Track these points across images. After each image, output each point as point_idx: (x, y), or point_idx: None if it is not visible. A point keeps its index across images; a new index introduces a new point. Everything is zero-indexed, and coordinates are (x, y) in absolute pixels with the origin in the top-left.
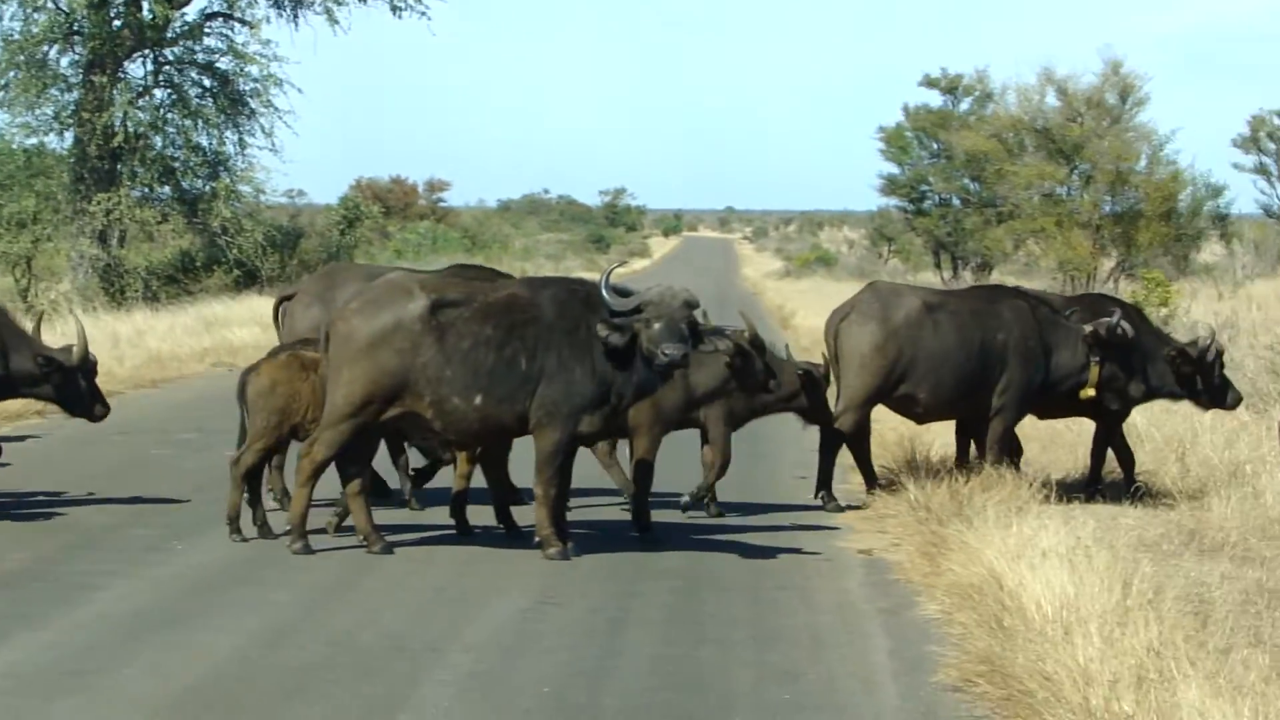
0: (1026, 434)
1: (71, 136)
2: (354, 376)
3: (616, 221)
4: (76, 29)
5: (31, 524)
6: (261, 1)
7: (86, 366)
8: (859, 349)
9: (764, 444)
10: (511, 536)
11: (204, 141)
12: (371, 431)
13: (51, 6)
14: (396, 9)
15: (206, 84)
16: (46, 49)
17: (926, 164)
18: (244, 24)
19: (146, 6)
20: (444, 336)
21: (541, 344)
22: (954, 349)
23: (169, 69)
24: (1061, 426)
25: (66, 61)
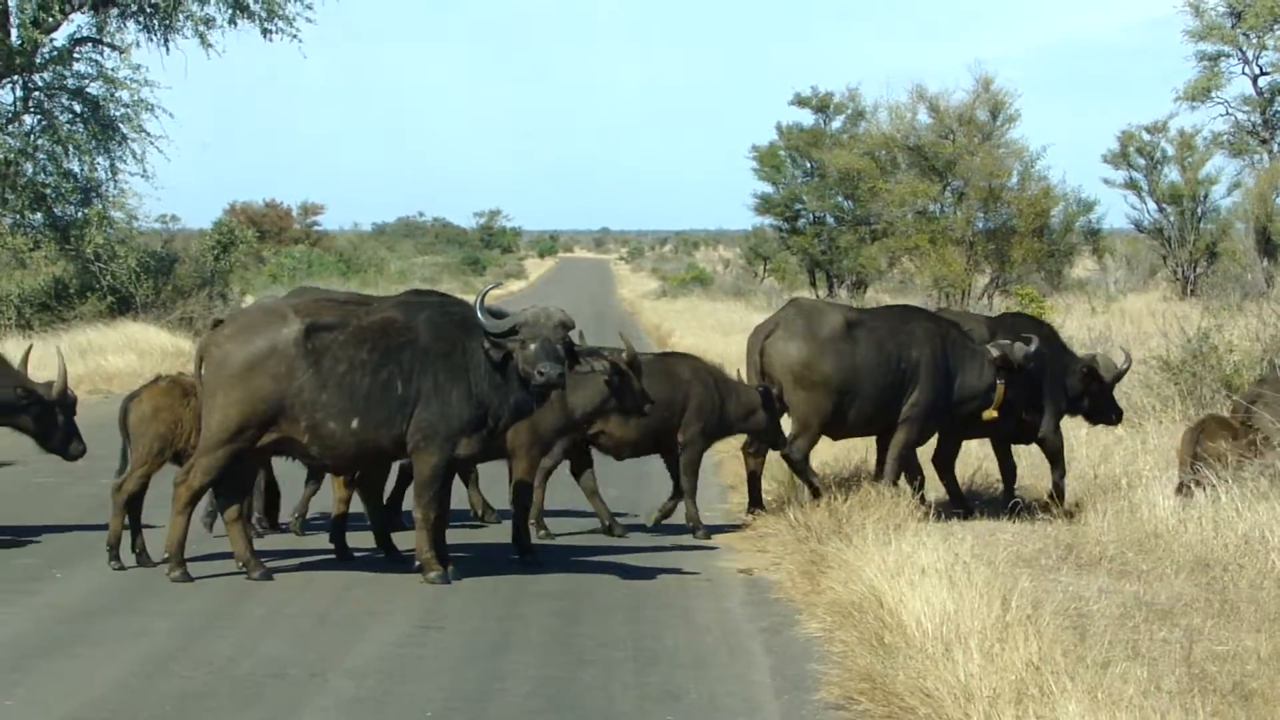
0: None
1: None
2: (229, 402)
3: (492, 243)
4: None
5: None
6: (131, 26)
7: (66, 402)
8: (789, 366)
9: (646, 464)
10: (391, 561)
11: (76, 168)
12: (250, 457)
13: None
14: (267, 32)
15: (77, 109)
16: None
17: (800, 183)
18: (114, 49)
19: (15, 32)
20: (319, 361)
21: (417, 367)
22: (874, 366)
23: (39, 95)
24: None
25: None
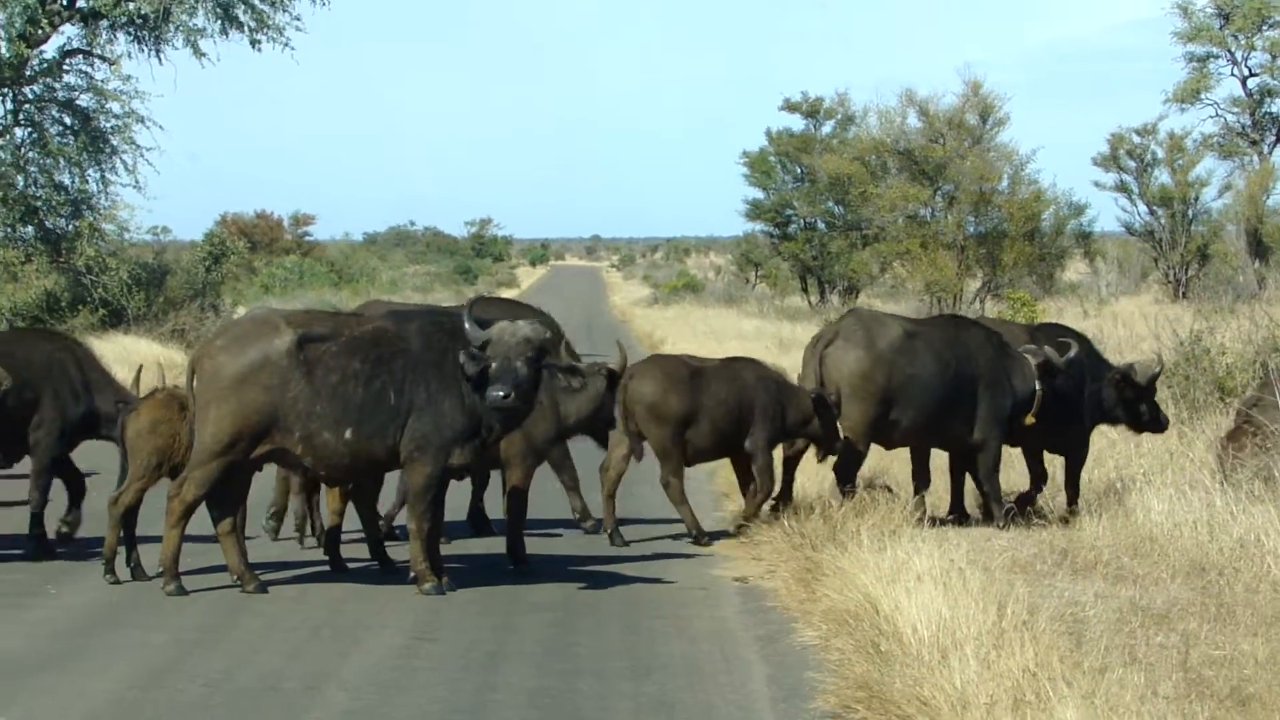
0: (898, 456)
1: None
2: (221, 414)
3: (483, 252)
4: None
5: None
6: (121, 37)
7: None
8: (848, 376)
9: (636, 471)
10: (386, 572)
11: (67, 180)
12: (242, 469)
13: None
14: (255, 42)
15: (67, 122)
16: None
17: (791, 188)
18: (104, 60)
19: (4, 45)
20: (312, 371)
21: (410, 377)
22: (933, 377)
23: (29, 107)
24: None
25: None
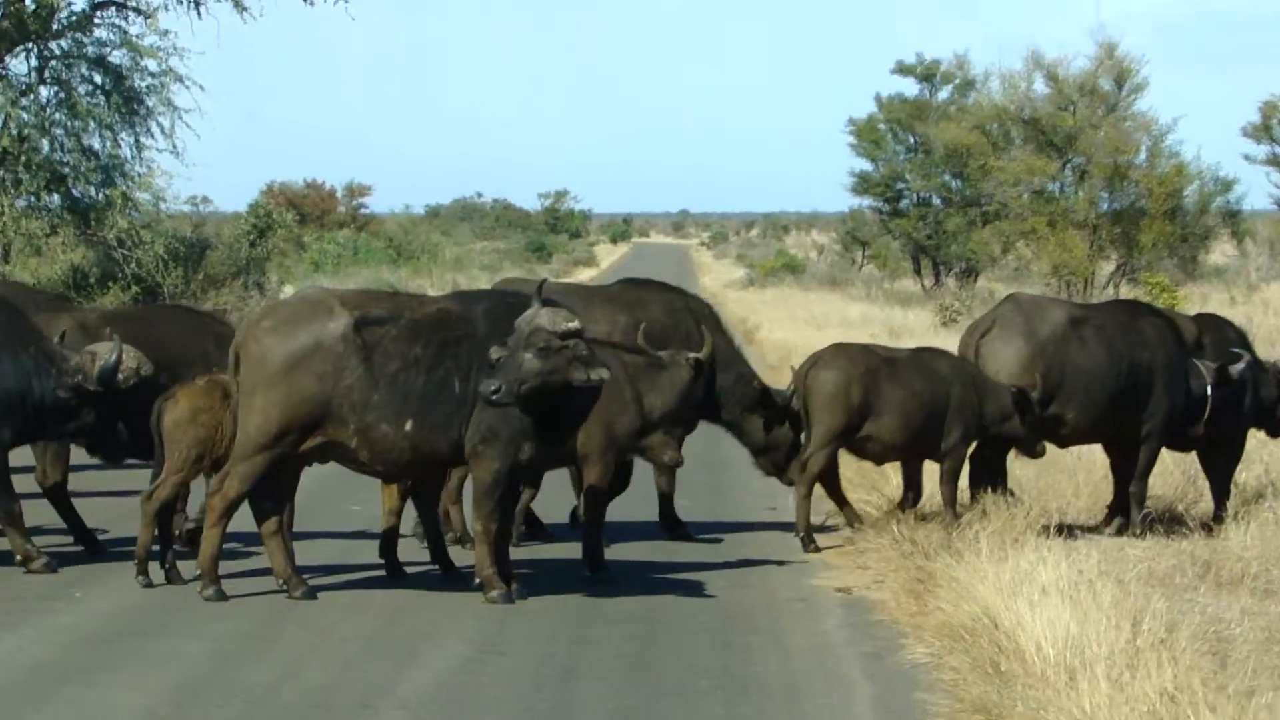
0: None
1: None
2: (269, 403)
3: (559, 228)
4: None
5: None
6: None
7: None
8: (1005, 367)
9: (726, 473)
10: (449, 578)
11: (96, 144)
12: (290, 464)
13: None
14: None
15: (98, 80)
16: None
17: (902, 159)
18: (139, 13)
19: None
20: (369, 357)
21: (477, 364)
22: (1102, 368)
23: (55, 64)
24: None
25: None
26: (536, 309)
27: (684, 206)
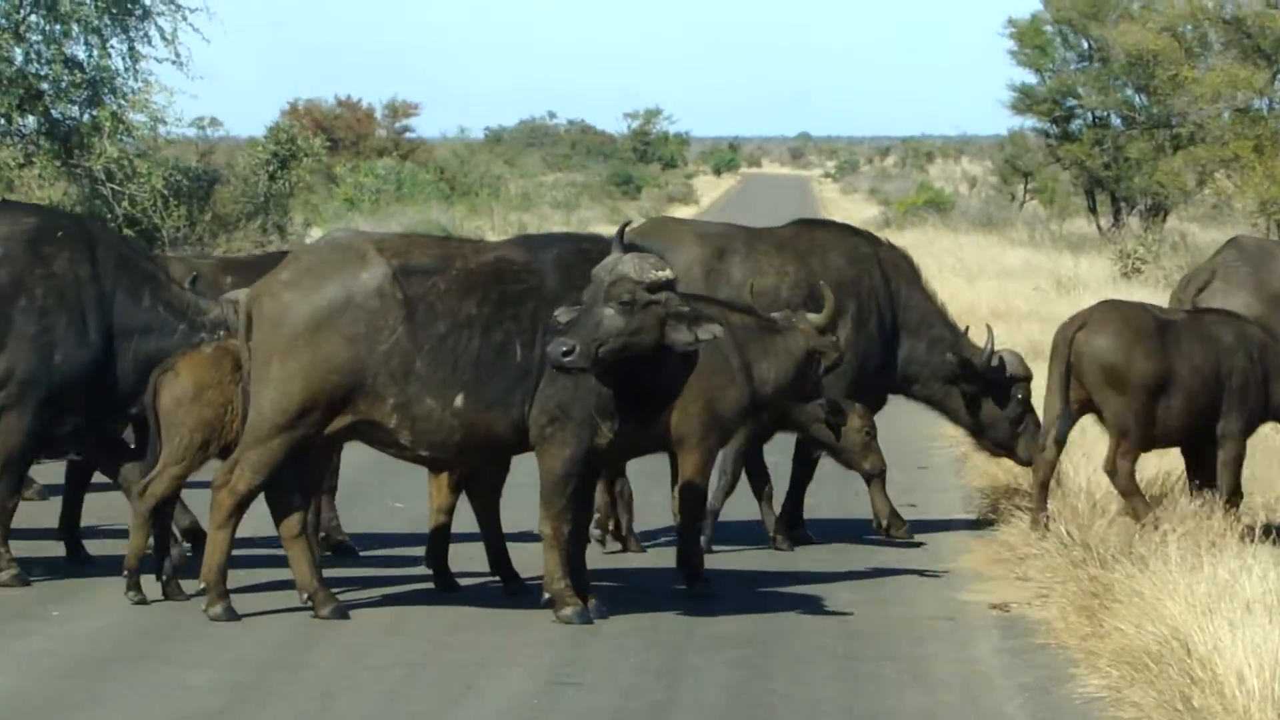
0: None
1: None
2: (288, 373)
3: (649, 156)
4: None
5: None
6: None
7: None
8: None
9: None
10: (511, 592)
11: (81, 53)
12: (315, 449)
13: None
14: None
15: None
16: None
17: (1074, 70)
18: None
19: None
20: (412, 316)
21: (543, 324)
22: None
23: None
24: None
25: None
26: (618, 255)
27: (804, 129)
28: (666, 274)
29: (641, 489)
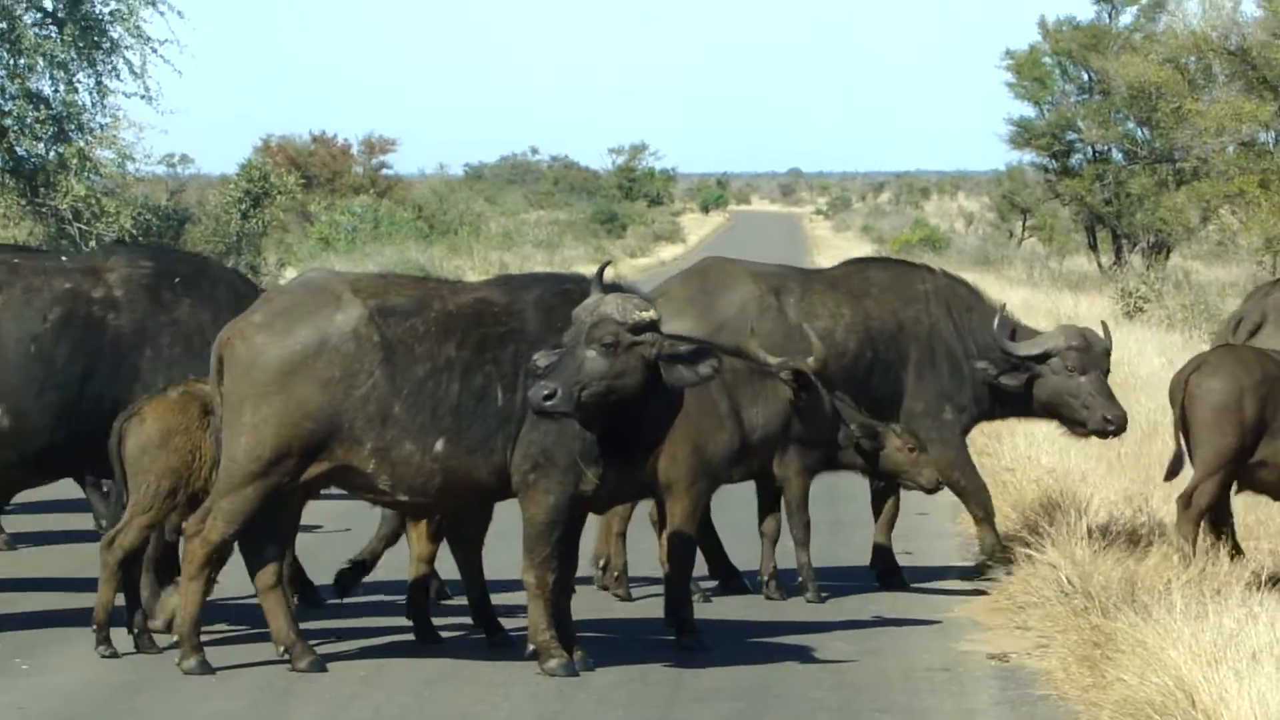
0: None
1: None
2: (261, 419)
3: (634, 193)
4: None
5: None
6: None
7: None
8: None
9: (849, 506)
10: (494, 644)
11: (47, 88)
12: (291, 496)
13: None
14: None
15: (48, 6)
16: None
17: (1075, 103)
18: None
19: None
20: (389, 359)
21: (524, 367)
22: None
23: None
24: None
25: None
26: (599, 296)
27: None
28: (650, 314)
29: (630, 536)
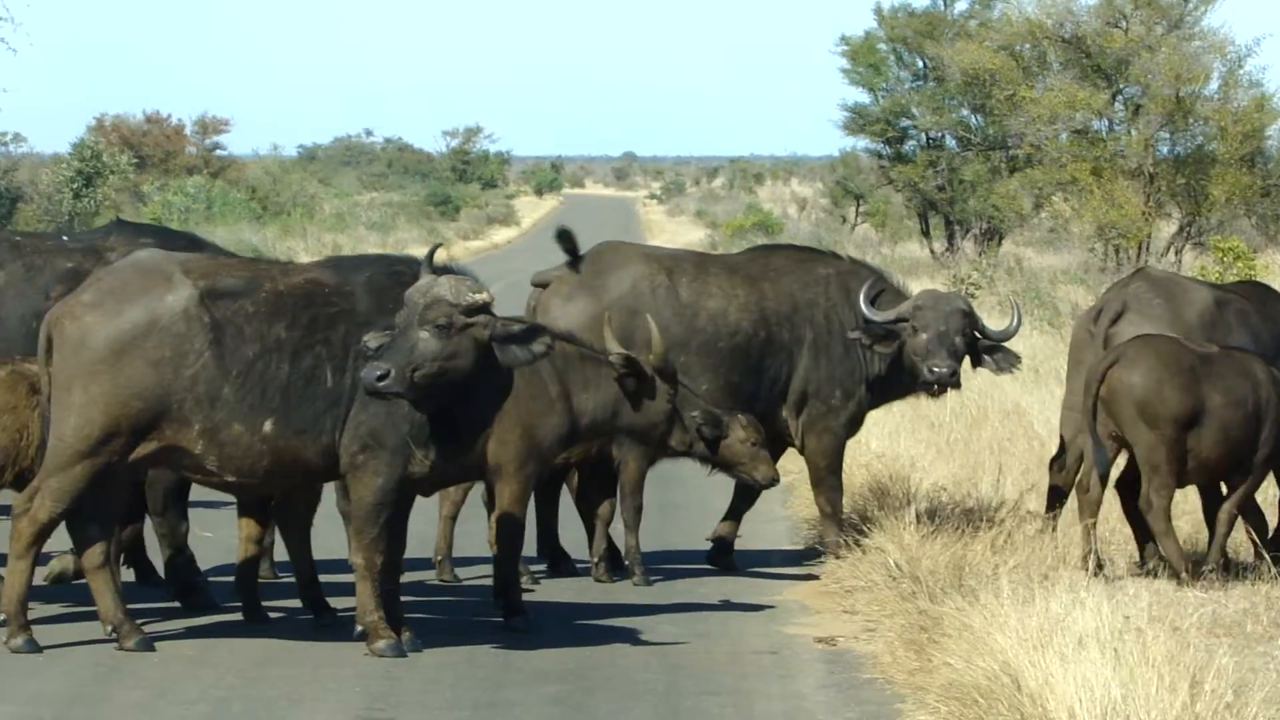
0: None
1: None
2: (90, 398)
3: (469, 175)
4: None
5: None
6: None
7: None
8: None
9: (677, 490)
10: (323, 624)
11: None
12: (118, 475)
13: None
14: None
15: None
16: None
17: (909, 89)
18: None
19: None
20: (219, 340)
21: (354, 349)
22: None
23: None
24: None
25: None
26: (432, 278)
27: (629, 149)
28: (483, 296)
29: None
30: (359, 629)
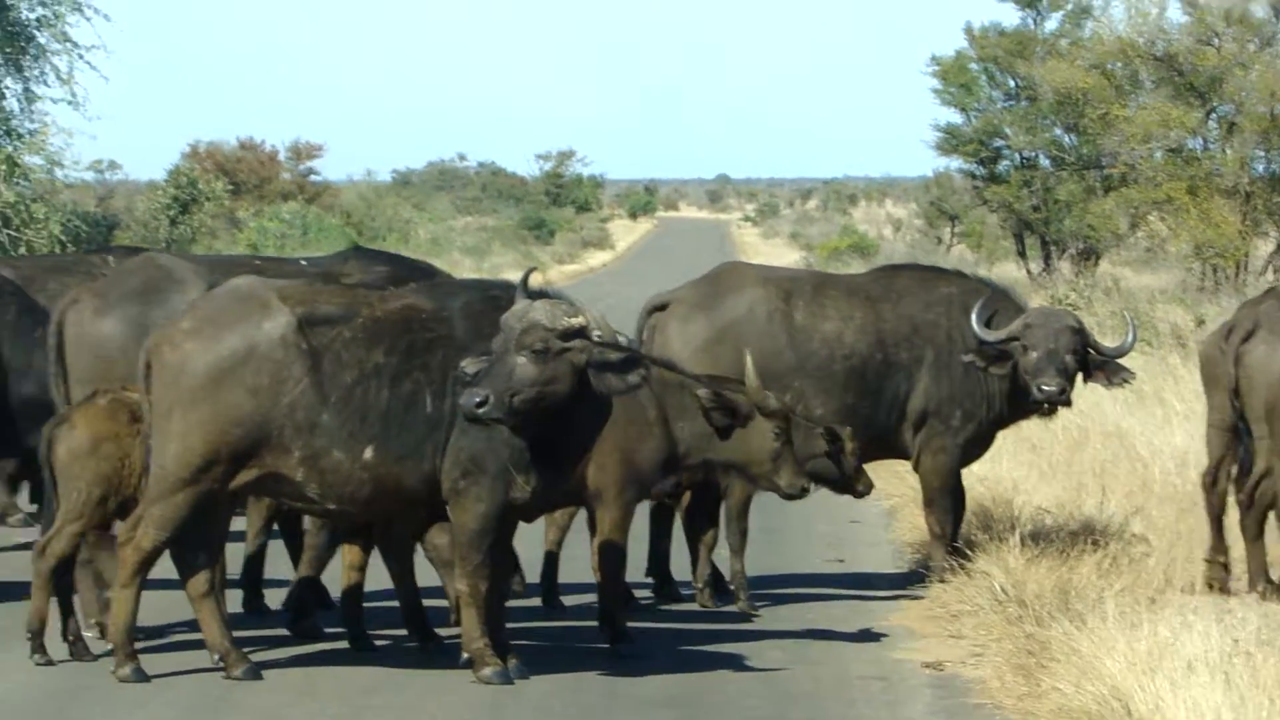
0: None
1: None
2: (190, 426)
3: (562, 199)
4: None
5: None
6: None
7: None
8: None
9: (780, 514)
10: (428, 651)
11: None
12: (221, 503)
13: None
14: None
15: None
16: None
17: (1001, 109)
18: None
19: None
20: (317, 367)
21: (453, 375)
22: None
23: None
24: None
25: None
26: (527, 302)
27: (723, 171)
28: (579, 320)
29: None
30: (465, 656)
